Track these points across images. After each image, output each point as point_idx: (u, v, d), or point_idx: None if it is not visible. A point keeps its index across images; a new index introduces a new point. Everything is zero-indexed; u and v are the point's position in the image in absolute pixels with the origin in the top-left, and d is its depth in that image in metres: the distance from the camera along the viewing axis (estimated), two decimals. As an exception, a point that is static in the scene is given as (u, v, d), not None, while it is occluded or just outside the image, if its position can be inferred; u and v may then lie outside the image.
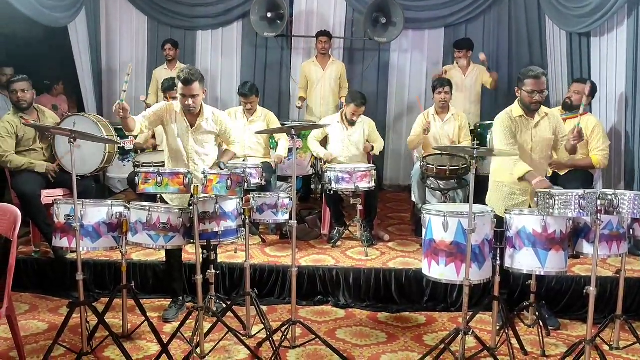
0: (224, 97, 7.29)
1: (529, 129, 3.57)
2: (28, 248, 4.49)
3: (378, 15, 6.48)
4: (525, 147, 3.56)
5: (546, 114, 3.63)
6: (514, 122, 3.58)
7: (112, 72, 7.32)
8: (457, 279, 3.00)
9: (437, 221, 3.02)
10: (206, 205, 3.24)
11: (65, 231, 3.24)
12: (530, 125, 3.57)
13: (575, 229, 3.12)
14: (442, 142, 5.02)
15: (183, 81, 3.52)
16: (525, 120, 3.58)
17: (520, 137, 3.57)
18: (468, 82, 6.09)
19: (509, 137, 3.53)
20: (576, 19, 5.54)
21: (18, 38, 7.13)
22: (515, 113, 3.60)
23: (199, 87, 3.56)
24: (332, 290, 4.17)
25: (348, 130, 5.08)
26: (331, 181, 4.58)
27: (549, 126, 3.61)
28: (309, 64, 6.45)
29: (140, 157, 5.22)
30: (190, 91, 3.54)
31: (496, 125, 3.65)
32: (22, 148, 4.42)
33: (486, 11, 6.84)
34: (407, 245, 4.80)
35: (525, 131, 3.58)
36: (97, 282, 4.26)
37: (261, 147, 5.26)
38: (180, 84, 3.54)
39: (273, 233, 5.09)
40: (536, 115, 3.58)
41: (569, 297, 3.96)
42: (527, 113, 3.57)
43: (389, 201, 6.49)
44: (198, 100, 3.61)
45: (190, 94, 3.55)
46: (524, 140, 3.57)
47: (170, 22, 7.19)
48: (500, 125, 3.59)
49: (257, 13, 6.50)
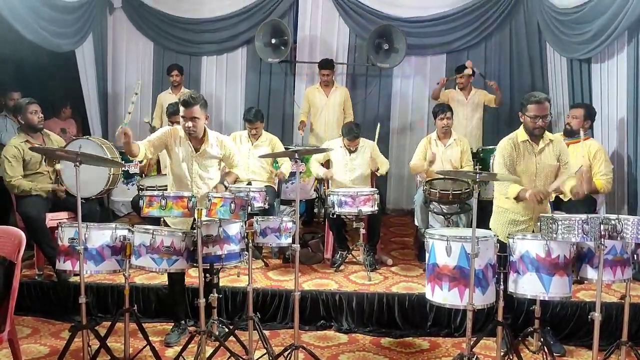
0: (229, 121, 7.35)
1: (533, 154, 3.59)
2: (31, 271, 4.49)
3: (381, 41, 6.57)
4: (529, 172, 3.58)
5: (550, 141, 3.64)
6: (517, 147, 3.60)
7: (117, 96, 7.41)
8: (460, 303, 2.98)
9: (440, 245, 3.02)
10: (209, 228, 3.25)
11: (69, 254, 3.24)
12: (534, 151, 3.59)
13: (579, 253, 3.11)
14: (444, 166, 5.04)
15: (183, 103, 3.55)
16: (529, 146, 3.60)
17: (524, 162, 3.59)
18: (470, 106, 6.13)
19: (507, 164, 3.57)
20: (576, 45, 5.60)
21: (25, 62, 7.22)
22: (521, 138, 3.62)
23: (200, 110, 3.58)
24: (335, 314, 4.15)
25: (350, 155, 5.11)
26: (334, 205, 4.59)
27: (552, 153, 3.62)
28: (313, 90, 6.50)
29: (145, 180, 5.25)
30: (190, 113, 3.56)
31: (497, 150, 3.68)
32: (29, 172, 4.45)
33: (487, 38, 6.92)
34: (411, 270, 4.78)
35: (530, 157, 3.59)
36: (99, 305, 4.26)
37: (265, 171, 5.29)
38: (181, 106, 3.57)
39: (276, 257, 5.09)
40: (540, 142, 3.60)
41: (573, 323, 3.93)
42: (532, 138, 3.59)
43: (392, 225, 6.49)
44: (199, 123, 3.61)
45: (190, 116, 3.56)
46: (527, 166, 3.58)
47: (176, 48, 7.30)
48: (500, 152, 3.64)
49: (261, 39, 6.60)
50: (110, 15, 7.25)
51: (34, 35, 5.38)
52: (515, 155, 3.60)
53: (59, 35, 5.95)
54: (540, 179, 3.60)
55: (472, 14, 6.78)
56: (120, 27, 7.32)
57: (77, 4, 6.22)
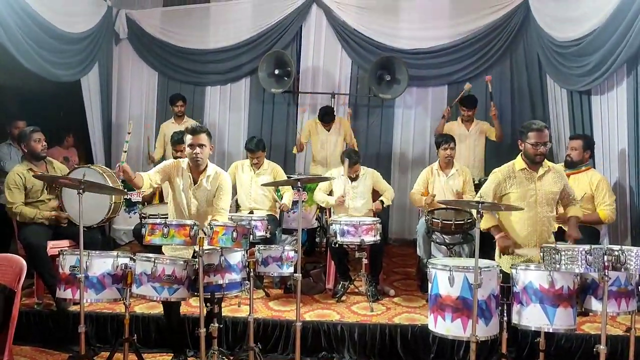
0: (231, 150, 7.39)
1: (532, 182, 3.61)
2: (30, 300, 4.46)
3: (382, 72, 6.65)
4: (528, 200, 3.59)
5: (549, 168, 3.66)
6: (513, 176, 3.63)
7: (121, 125, 7.46)
8: (463, 334, 2.95)
9: (443, 276, 3.00)
10: (211, 257, 3.24)
11: (70, 282, 3.23)
12: (533, 178, 3.61)
13: (583, 285, 3.09)
14: (446, 197, 5.03)
15: (191, 131, 3.68)
16: (528, 173, 3.62)
17: (521, 190, 3.61)
18: (472, 137, 6.16)
19: (491, 192, 3.65)
20: (576, 77, 5.66)
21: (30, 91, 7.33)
22: (518, 166, 3.65)
23: (206, 138, 3.70)
24: (336, 345, 4.09)
25: (352, 183, 5.12)
26: (336, 234, 4.58)
27: (552, 180, 3.64)
28: (312, 123, 6.48)
29: (147, 208, 5.26)
30: (197, 140, 3.66)
31: (489, 177, 3.75)
32: (31, 199, 4.46)
33: (488, 69, 6.98)
34: (413, 301, 4.74)
35: (528, 184, 3.61)
36: (98, 335, 4.20)
37: (267, 199, 5.29)
38: (189, 134, 3.68)
39: (277, 287, 5.05)
40: (540, 169, 3.63)
41: (579, 356, 3.87)
42: (530, 166, 3.62)
43: (395, 255, 6.45)
44: (205, 151, 3.71)
45: (198, 143, 3.66)
46: (526, 193, 3.60)
47: (180, 78, 7.40)
48: (490, 179, 3.73)
49: (264, 70, 6.69)
50: (116, 45, 7.39)
51: (34, 66, 5.46)
52: (508, 185, 3.63)
53: (62, 65, 6.04)
54: (541, 206, 3.60)
55: (472, 46, 6.88)
56: (126, 57, 7.45)
57: (83, 34, 6.33)
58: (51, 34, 5.69)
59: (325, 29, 7.14)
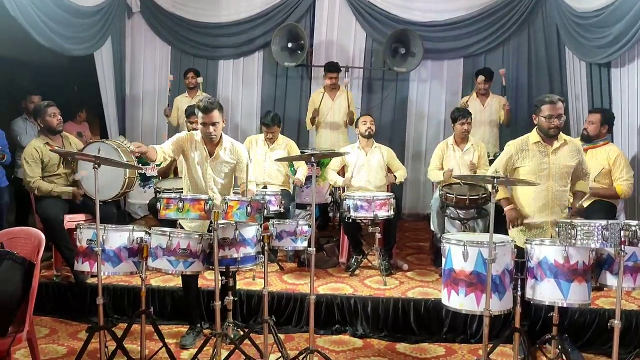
0: (244, 125, 7.39)
1: (546, 155, 3.58)
2: (49, 272, 4.54)
3: (397, 45, 6.56)
4: (542, 174, 3.56)
5: (565, 141, 3.62)
6: (526, 149, 3.61)
7: (135, 99, 7.49)
8: (477, 309, 2.96)
9: (457, 250, 3.00)
10: (226, 231, 3.26)
11: (87, 255, 3.27)
12: (547, 151, 3.58)
13: (598, 260, 3.06)
14: (461, 171, 5.00)
15: (202, 109, 3.58)
16: (542, 147, 3.59)
17: (534, 163, 3.58)
18: (487, 112, 6.09)
19: (502, 165, 3.64)
20: (596, 49, 5.54)
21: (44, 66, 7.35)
22: (532, 140, 3.63)
23: (218, 114, 3.62)
24: (349, 319, 4.14)
25: (367, 156, 5.10)
26: (350, 209, 4.58)
27: (569, 153, 3.60)
28: (317, 94, 6.40)
29: (162, 183, 5.29)
30: (210, 119, 3.60)
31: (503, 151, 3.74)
32: (47, 173, 4.51)
33: (505, 42, 6.88)
34: (426, 275, 4.75)
35: (542, 158, 3.58)
36: (115, 307, 4.29)
37: (281, 174, 5.30)
38: (200, 112, 3.61)
39: (291, 261, 5.09)
40: (555, 142, 3.59)
41: (592, 330, 3.87)
42: (545, 139, 3.58)
43: (408, 230, 6.46)
44: (218, 127, 3.66)
45: (211, 122, 3.60)
46: (539, 167, 3.57)
47: (193, 52, 7.36)
48: (503, 152, 3.72)
49: (278, 43, 6.63)
50: (129, 19, 7.35)
51: (47, 40, 5.47)
52: (522, 157, 3.61)
53: (74, 39, 6.04)
54: (554, 180, 3.57)
55: (489, 18, 6.76)
56: (138, 31, 7.42)
57: (95, 8, 6.31)
58: (63, 7, 5.68)
59: (339, 2, 7.03)
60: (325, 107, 6.30)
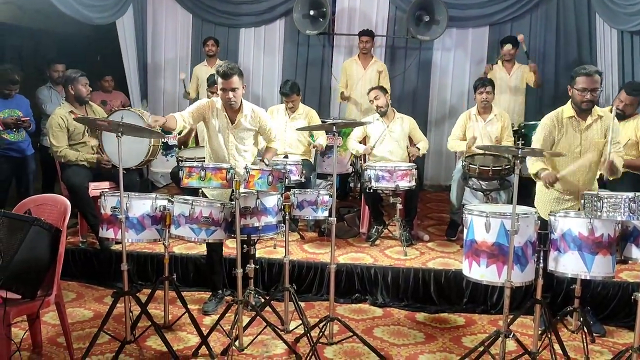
0: (265, 94, 7.36)
1: (579, 131, 3.47)
2: (75, 238, 4.64)
3: (421, 13, 6.42)
4: (573, 149, 3.47)
5: (599, 117, 3.49)
6: (559, 124, 3.49)
7: (157, 68, 7.50)
8: (498, 280, 2.94)
9: (479, 222, 2.97)
10: (247, 200, 3.28)
11: (111, 222, 3.32)
12: (580, 127, 3.47)
13: (624, 232, 3.00)
14: (484, 142, 4.92)
15: (222, 75, 3.54)
16: (575, 122, 3.48)
17: (566, 139, 3.48)
18: (512, 81, 5.97)
19: (543, 141, 3.49)
20: (628, 16, 5.36)
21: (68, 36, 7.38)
22: (566, 114, 3.50)
23: (238, 80, 3.58)
24: (369, 288, 4.16)
25: (389, 127, 5.05)
26: (371, 180, 4.56)
27: (601, 129, 3.49)
28: (350, 62, 6.43)
29: (184, 152, 5.33)
30: (230, 84, 3.56)
31: (539, 126, 3.61)
32: (73, 142, 4.56)
33: (533, 9, 6.69)
34: (447, 246, 4.74)
35: (574, 133, 3.47)
36: (139, 273, 4.38)
37: (302, 144, 5.28)
38: (220, 78, 3.56)
39: (312, 230, 5.12)
40: (588, 118, 3.47)
41: (615, 303, 3.84)
42: (579, 114, 3.46)
43: (430, 201, 6.43)
44: (238, 93, 3.62)
45: (230, 87, 3.56)
46: (571, 143, 3.47)
47: (214, 20, 7.31)
48: (540, 128, 3.56)
49: (299, 11, 6.54)
50: (150, -13, 7.31)
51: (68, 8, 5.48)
52: (557, 133, 3.49)
53: (96, 8, 6.04)
54: (586, 155, 3.48)
55: (517, -17, 6.56)
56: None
57: (117, -24, 6.29)
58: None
59: (363, -33, 6.89)
60: (356, 76, 6.25)
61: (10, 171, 4.92)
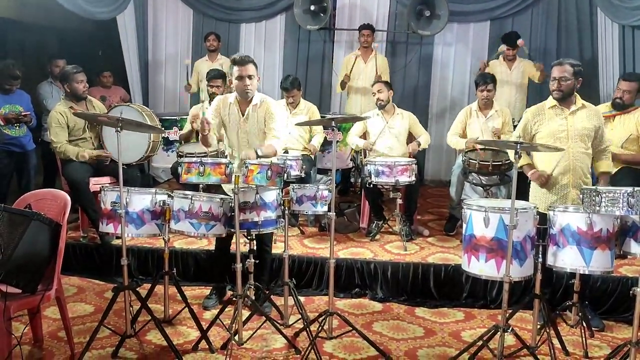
0: (266, 89, 7.32)
1: (564, 117, 3.53)
2: (76, 233, 4.66)
3: (422, 8, 6.41)
4: (560, 135, 3.51)
5: (584, 105, 3.57)
6: (539, 115, 3.60)
7: (158, 63, 7.50)
8: (497, 275, 2.95)
9: (478, 216, 2.97)
10: (247, 195, 3.28)
11: (111, 217, 3.32)
12: (565, 114, 3.54)
13: (623, 227, 3.01)
14: (485, 138, 4.92)
15: (239, 62, 3.51)
16: (559, 110, 3.55)
17: (551, 126, 3.54)
18: (514, 76, 5.96)
19: (522, 132, 3.58)
20: (630, 10, 5.35)
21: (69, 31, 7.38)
22: (549, 104, 3.60)
23: (254, 68, 3.56)
24: (369, 283, 4.17)
25: (389, 123, 5.04)
26: (371, 175, 4.56)
27: (587, 117, 3.54)
28: (351, 56, 6.43)
29: (184, 147, 5.33)
30: (246, 71, 3.52)
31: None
32: (73, 137, 4.57)
33: (534, 4, 6.67)
34: (447, 241, 4.74)
35: (559, 120, 3.54)
36: (140, 268, 4.39)
37: (302, 139, 5.28)
38: (236, 66, 3.52)
39: (312, 225, 5.12)
40: (572, 105, 3.54)
41: (614, 298, 3.84)
42: (561, 102, 3.54)
43: (430, 196, 6.43)
44: (254, 81, 3.58)
45: (247, 74, 3.52)
46: (557, 129, 3.53)
47: (214, 15, 7.31)
48: (522, 119, 3.72)
49: (300, 6, 6.53)
50: (151, -18, 7.31)
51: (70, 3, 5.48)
52: (538, 123, 3.58)
53: (96, 3, 6.04)
54: (574, 141, 3.50)
55: (518, -23, 6.53)
56: (161, -6, 7.37)
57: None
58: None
59: (363, -38, 6.88)
60: (357, 71, 6.25)
61: (12, 166, 4.93)
